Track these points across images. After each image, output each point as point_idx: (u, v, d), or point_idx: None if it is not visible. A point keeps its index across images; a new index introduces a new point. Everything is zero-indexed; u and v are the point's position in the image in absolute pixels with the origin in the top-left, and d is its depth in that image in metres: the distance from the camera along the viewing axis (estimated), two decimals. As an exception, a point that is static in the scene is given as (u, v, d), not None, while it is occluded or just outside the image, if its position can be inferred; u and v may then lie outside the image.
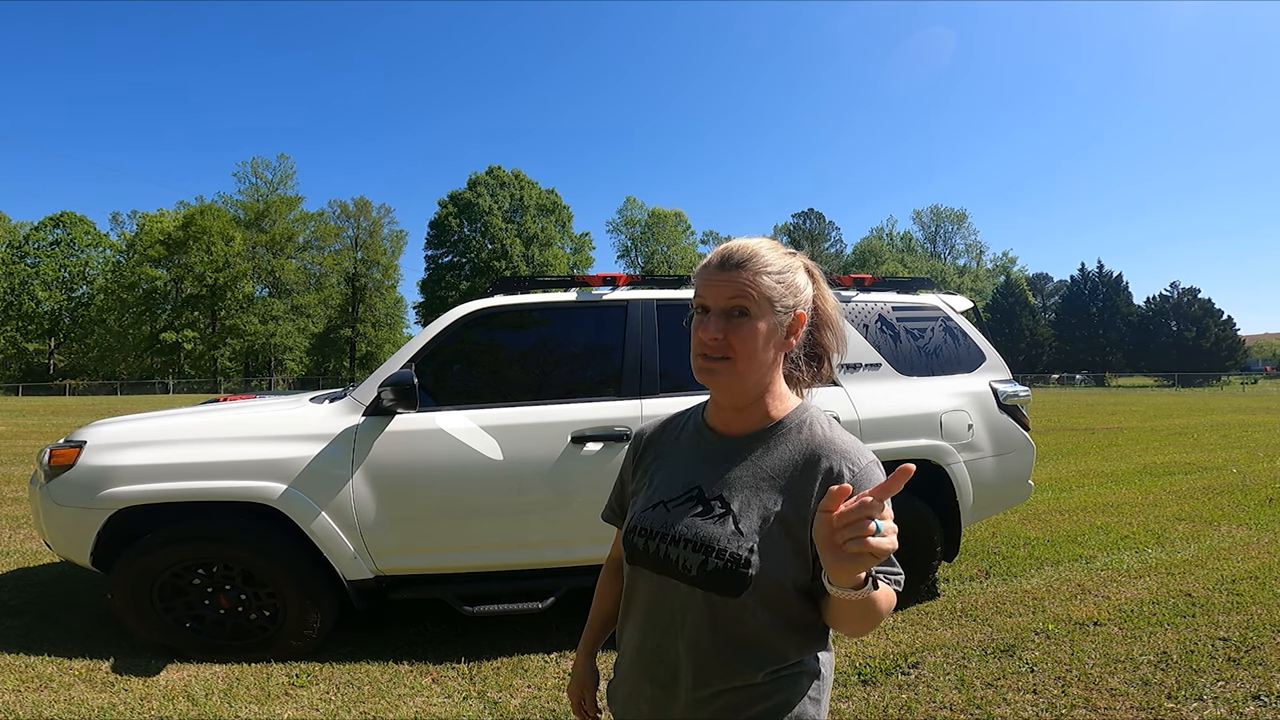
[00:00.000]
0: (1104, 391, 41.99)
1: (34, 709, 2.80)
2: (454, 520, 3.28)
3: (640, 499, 1.16)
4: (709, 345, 1.05)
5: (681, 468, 1.15)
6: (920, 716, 2.72)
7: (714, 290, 1.06)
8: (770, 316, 1.06)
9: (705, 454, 1.14)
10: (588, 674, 1.34)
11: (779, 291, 1.06)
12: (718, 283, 1.05)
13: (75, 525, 3.15)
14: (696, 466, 1.13)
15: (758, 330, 1.04)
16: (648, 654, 1.11)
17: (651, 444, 1.23)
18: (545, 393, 3.50)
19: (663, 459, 1.19)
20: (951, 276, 70.20)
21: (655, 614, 1.10)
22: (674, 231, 68.78)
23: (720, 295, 1.05)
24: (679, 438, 1.20)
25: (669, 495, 1.12)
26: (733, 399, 1.10)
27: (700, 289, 1.08)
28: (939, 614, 3.77)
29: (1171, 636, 3.42)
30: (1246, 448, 11.02)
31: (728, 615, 1.03)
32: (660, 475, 1.16)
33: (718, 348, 1.05)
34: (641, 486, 1.19)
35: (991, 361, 4.11)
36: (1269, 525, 5.68)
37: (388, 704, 2.85)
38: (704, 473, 1.11)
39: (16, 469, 9.41)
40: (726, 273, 1.05)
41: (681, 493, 1.11)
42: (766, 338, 1.06)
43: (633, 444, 1.27)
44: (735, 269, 1.05)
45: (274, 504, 3.13)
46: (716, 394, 1.12)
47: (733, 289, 1.04)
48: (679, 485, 1.12)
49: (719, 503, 1.07)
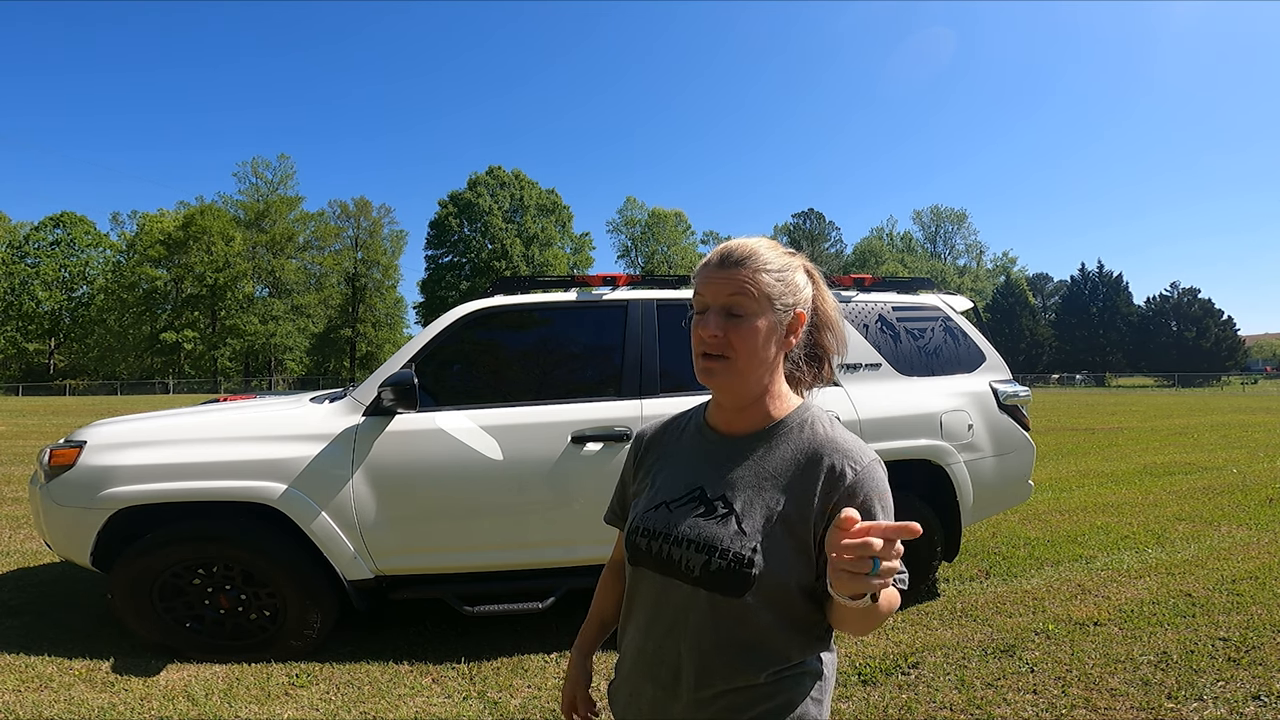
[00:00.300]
0: (1104, 391, 41.99)
1: (34, 709, 2.80)
2: (454, 520, 3.28)
3: (642, 500, 1.16)
4: (709, 343, 1.05)
5: (683, 468, 1.14)
6: (920, 716, 2.72)
7: (713, 288, 1.06)
8: (770, 314, 1.05)
9: (707, 454, 1.13)
10: (581, 674, 1.34)
11: (778, 289, 1.06)
12: (717, 280, 1.06)
13: (75, 525, 3.15)
14: (698, 467, 1.13)
15: (757, 328, 1.04)
16: (649, 655, 1.10)
17: (653, 445, 1.23)
18: (545, 393, 3.50)
19: (664, 460, 1.19)
20: (951, 276, 70.19)
21: (657, 615, 1.09)
22: (674, 231, 68.78)
23: (719, 293, 1.05)
24: (680, 438, 1.20)
25: (671, 496, 1.12)
26: (734, 398, 1.10)
27: (699, 288, 1.08)
28: (939, 614, 3.77)
29: (1171, 636, 3.42)
30: (1246, 448, 11.02)
31: (730, 616, 1.03)
32: (662, 476, 1.16)
33: (717, 345, 1.05)
34: (643, 488, 1.19)
35: (991, 361, 4.11)
36: (1269, 525, 5.68)
37: (388, 704, 2.85)
38: (706, 473, 1.11)
39: (16, 469, 9.41)
40: (726, 270, 1.05)
41: (684, 493, 1.11)
42: (767, 336, 1.05)
43: (634, 445, 1.27)
44: (734, 266, 1.05)
45: (274, 504, 3.13)
46: (717, 394, 1.12)
47: (732, 286, 1.04)
48: (681, 486, 1.12)
49: (721, 503, 1.07)
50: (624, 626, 1.18)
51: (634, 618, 1.15)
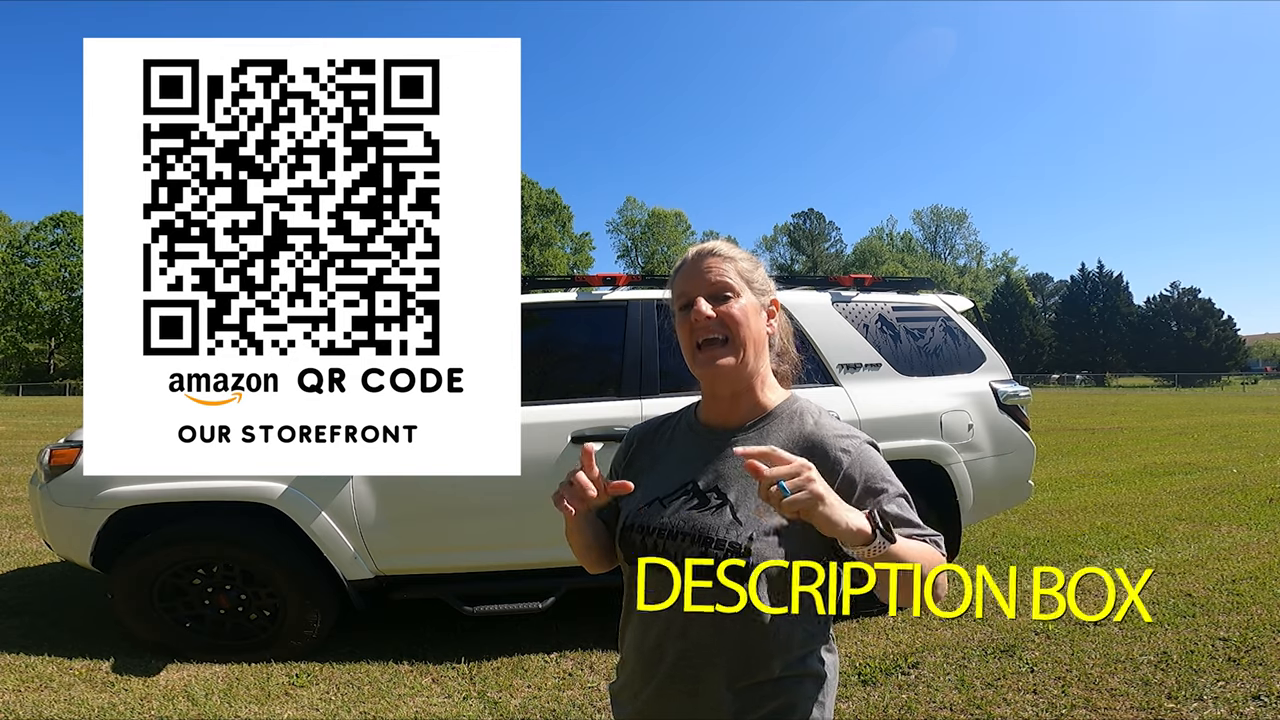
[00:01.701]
0: (1104, 391, 42.00)
1: (34, 709, 2.80)
2: (454, 520, 3.28)
3: (633, 498, 1.15)
4: (704, 324, 1.08)
5: (674, 465, 1.15)
6: (920, 716, 2.72)
7: (695, 281, 1.11)
8: (751, 296, 1.11)
9: (699, 450, 1.14)
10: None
11: (754, 275, 1.13)
12: (697, 273, 1.11)
13: (75, 525, 3.15)
14: (690, 462, 1.13)
15: (746, 305, 1.09)
16: (648, 653, 1.10)
17: (645, 444, 1.23)
18: (545, 393, 3.50)
19: (656, 460, 1.19)
20: (951, 276, 70.20)
21: (656, 616, 1.08)
22: (674, 231, 68.83)
23: (702, 283, 1.10)
24: (672, 438, 1.21)
25: (663, 492, 1.12)
26: (732, 382, 1.10)
27: (680, 286, 1.13)
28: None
29: (1171, 636, 3.42)
30: (1246, 448, 11.02)
31: (732, 614, 1.02)
32: (653, 475, 1.16)
33: (714, 325, 1.08)
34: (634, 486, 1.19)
35: (992, 361, 4.11)
36: (1269, 525, 5.68)
37: (388, 704, 2.86)
38: (698, 467, 1.12)
39: (16, 469, 9.41)
40: (703, 261, 1.11)
41: (676, 488, 1.11)
42: (754, 315, 1.10)
43: (625, 442, 1.27)
44: (710, 257, 1.12)
45: (274, 504, 3.13)
46: (715, 383, 1.12)
47: (713, 274, 1.10)
48: (673, 482, 1.13)
49: (715, 494, 1.07)
50: (624, 626, 1.18)
51: (633, 616, 1.14)
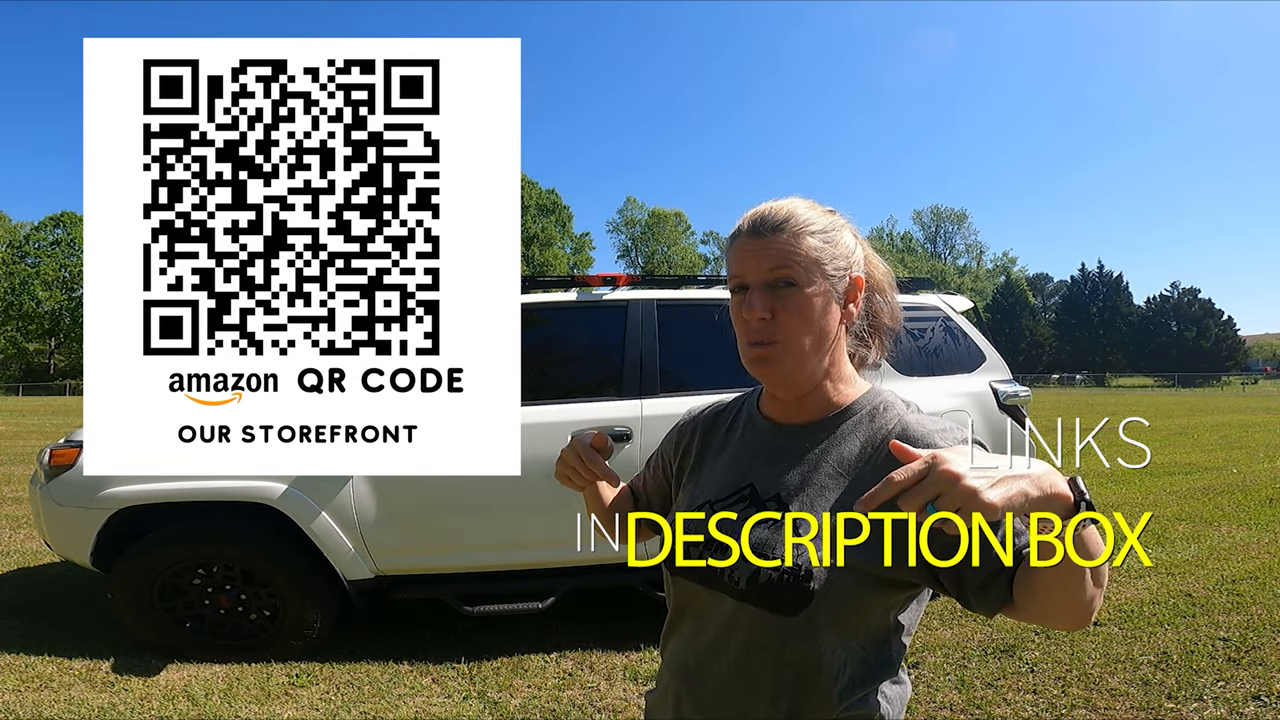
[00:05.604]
0: (1104, 391, 41.99)
1: (34, 709, 2.80)
2: (454, 520, 3.27)
3: (680, 498, 1.04)
4: (754, 328, 0.89)
5: (730, 464, 0.99)
6: (920, 716, 2.72)
7: (751, 262, 0.90)
8: (822, 281, 0.89)
9: (759, 448, 0.98)
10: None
11: (828, 252, 0.90)
12: (754, 252, 0.90)
13: (75, 525, 3.15)
14: (750, 462, 0.97)
15: (810, 301, 0.89)
16: (690, 671, 0.96)
17: (701, 434, 1.07)
18: (545, 393, 3.50)
19: (710, 453, 1.04)
20: (951, 276, 70.18)
21: (699, 628, 0.96)
22: (674, 231, 68.83)
23: (759, 266, 0.89)
24: (730, 429, 1.04)
25: (716, 495, 0.97)
26: (790, 388, 0.93)
27: (734, 264, 0.92)
28: (939, 614, 3.77)
29: (1171, 636, 3.41)
30: (1246, 448, 11.02)
31: (782, 636, 0.87)
32: (706, 472, 1.02)
33: (764, 330, 0.89)
34: (682, 480, 1.07)
35: (992, 361, 4.11)
36: (1269, 525, 5.68)
37: (388, 704, 2.85)
38: (758, 469, 0.96)
39: (16, 469, 9.41)
40: (762, 239, 0.89)
41: (731, 492, 0.96)
42: (823, 308, 0.90)
43: (679, 427, 1.12)
44: (772, 233, 0.89)
45: (274, 504, 3.13)
46: (771, 386, 0.96)
47: (773, 256, 0.88)
48: (728, 484, 0.97)
49: (775, 503, 0.91)
50: (668, 632, 1.03)
51: (677, 626, 1.00)
